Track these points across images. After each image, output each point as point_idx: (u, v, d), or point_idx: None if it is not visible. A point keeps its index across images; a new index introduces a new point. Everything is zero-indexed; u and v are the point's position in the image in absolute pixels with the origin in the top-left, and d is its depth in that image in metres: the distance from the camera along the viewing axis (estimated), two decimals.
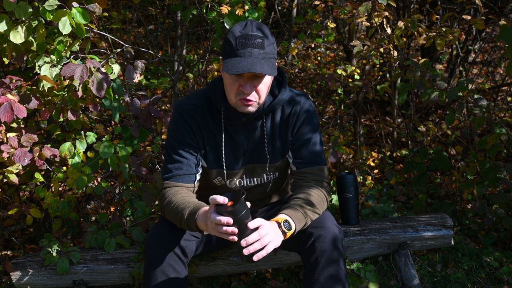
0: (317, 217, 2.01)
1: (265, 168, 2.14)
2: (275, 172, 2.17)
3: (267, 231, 1.78)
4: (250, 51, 1.88)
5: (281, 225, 1.86)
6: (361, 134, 3.81)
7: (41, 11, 2.21)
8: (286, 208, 1.95)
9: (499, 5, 3.86)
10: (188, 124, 2.07)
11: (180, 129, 2.07)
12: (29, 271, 2.38)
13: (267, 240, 1.78)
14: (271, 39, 1.94)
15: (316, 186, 2.06)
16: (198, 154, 2.10)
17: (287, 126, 2.11)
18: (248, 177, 2.16)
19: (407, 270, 2.57)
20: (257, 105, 1.99)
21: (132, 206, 2.61)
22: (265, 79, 1.94)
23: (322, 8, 3.27)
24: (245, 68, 1.85)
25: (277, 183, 2.23)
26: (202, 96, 2.10)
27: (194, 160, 2.08)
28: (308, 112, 2.12)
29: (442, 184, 3.43)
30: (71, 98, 2.39)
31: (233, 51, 1.89)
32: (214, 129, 2.09)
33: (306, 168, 2.10)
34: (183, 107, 2.09)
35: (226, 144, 2.09)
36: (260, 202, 2.28)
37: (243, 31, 1.91)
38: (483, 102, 2.80)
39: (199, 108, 2.08)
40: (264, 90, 1.96)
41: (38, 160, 2.37)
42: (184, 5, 3.57)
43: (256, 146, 2.12)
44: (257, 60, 1.87)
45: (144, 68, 2.54)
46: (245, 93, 1.93)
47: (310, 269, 1.99)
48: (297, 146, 2.11)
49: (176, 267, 1.99)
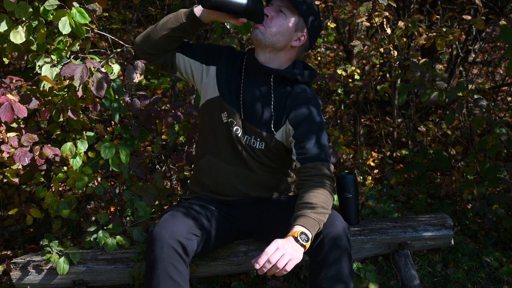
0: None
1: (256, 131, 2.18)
2: (261, 141, 2.20)
3: (276, 247, 1.81)
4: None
5: (298, 239, 1.86)
6: (361, 134, 3.81)
7: (41, 11, 2.21)
8: (298, 218, 1.93)
9: (499, 5, 3.85)
10: (223, 56, 2.23)
11: (219, 50, 2.24)
12: (29, 271, 2.38)
13: (278, 257, 1.80)
14: (315, 7, 2.18)
15: (321, 183, 2.05)
16: (211, 59, 2.24)
17: (285, 105, 2.17)
18: (244, 133, 2.20)
19: (407, 270, 2.57)
20: (264, 32, 2.11)
21: (132, 206, 2.61)
22: (287, 19, 2.13)
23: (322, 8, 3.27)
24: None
25: (268, 160, 2.23)
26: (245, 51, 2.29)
27: (204, 53, 2.24)
28: (315, 109, 2.16)
29: (442, 184, 3.43)
30: (71, 98, 2.39)
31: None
32: (237, 72, 2.22)
33: (310, 163, 2.09)
34: (232, 50, 2.27)
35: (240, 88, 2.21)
36: (255, 181, 2.27)
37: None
38: (483, 102, 2.80)
39: (240, 56, 2.25)
40: (278, 23, 2.12)
41: (39, 159, 2.37)
42: (184, 5, 3.57)
43: (257, 106, 2.19)
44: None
45: (144, 68, 2.54)
46: (265, 13, 2.09)
47: (317, 266, 1.99)
48: (301, 141, 2.12)
49: (178, 266, 1.99)
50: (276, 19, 2.12)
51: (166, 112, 2.74)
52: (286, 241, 1.84)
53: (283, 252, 1.80)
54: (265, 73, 2.17)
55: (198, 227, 2.11)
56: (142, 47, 2.20)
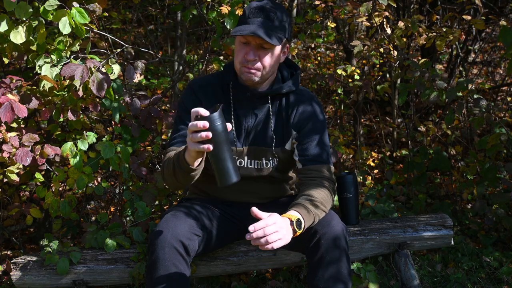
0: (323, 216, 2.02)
1: (267, 151, 2.15)
2: (273, 158, 2.18)
3: (275, 221, 1.77)
4: (259, 20, 1.97)
5: (293, 223, 1.85)
6: (361, 134, 3.81)
7: (41, 11, 2.21)
8: (297, 206, 1.93)
9: (499, 5, 3.86)
10: (198, 97, 2.12)
11: (189, 102, 2.12)
12: (29, 271, 2.38)
13: (273, 231, 1.75)
14: (284, 18, 2.02)
15: (322, 184, 2.06)
16: None
17: (290, 117, 2.14)
18: (249, 159, 2.17)
19: (407, 270, 2.57)
20: (260, 75, 2.03)
21: (132, 206, 2.61)
22: (272, 51, 2.01)
23: (322, 8, 3.27)
24: (249, 31, 1.93)
25: (276, 173, 2.22)
26: (215, 76, 2.19)
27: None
28: (316, 111, 2.15)
29: (442, 184, 3.43)
30: (71, 98, 2.39)
31: (244, 19, 2.01)
32: (226, 104, 2.13)
33: (312, 165, 2.10)
34: (196, 83, 2.17)
35: (233, 121, 2.13)
36: (257, 190, 2.26)
37: (258, 4, 2.00)
38: (483, 102, 2.80)
39: (210, 85, 2.15)
40: (269, 61, 2.02)
41: (40, 158, 2.37)
42: (184, 5, 3.57)
43: (261, 128, 2.15)
44: (264, 28, 1.95)
45: (144, 68, 2.55)
46: (248, 60, 1.99)
47: (315, 267, 1.99)
48: (303, 143, 2.12)
49: (179, 266, 1.99)
50: (263, 59, 2.00)
51: (166, 112, 2.74)
52: (283, 220, 1.82)
53: (278, 229, 1.77)
54: (260, 97, 2.12)
55: (199, 227, 2.11)
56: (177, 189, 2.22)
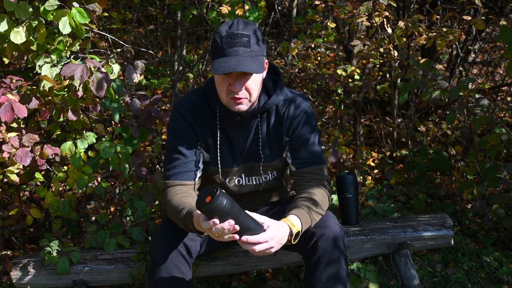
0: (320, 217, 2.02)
1: (263, 166, 2.14)
2: (272, 171, 2.17)
3: (273, 235, 1.77)
4: (236, 50, 1.87)
5: (293, 234, 1.84)
6: (361, 134, 3.81)
7: (41, 11, 2.21)
8: (295, 209, 1.93)
9: (499, 5, 3.86)
10: (188, 122, 2.07)
11: (180, 128, 2.08)
12: (29, 271, 2.38)
13: (263, 248, 1.75)
14: (258, 36, 1.93)
15: (318, 185, 2.05)
16: (198, 151, 2.09)
17: (282, 126, 2.11)
18: (247, 176, 2.16)
19: (407, 270, 2.57)
20: (249, 102, 1.98)
21: (132, 206, 2.61)
22: (254, 76, 1.94)
23: (322, 8, 3.27)
24: (231, 67, 1.85)
25: (276, 182, 2.23)
26: (200, 94, 2.11)
27: (193, 157, 2.07)
28: (305, 113, 2.11)
29: (442, 184, 3.43)
30: (71, 98, 2.39)
31: (219, 51, 1.89)
32: (213, 126, 2.09)
33: (305, 168, 2.09)
34: (183, 106, 2.09)
35: (223, 142, 2.10)
36: (260, 201, 2.28)
37: (229, 31, 1.90)
38: (484, 101, 2.79)
39: (198, 106, 2.09)
40: (254, 87, 1.96)
41: (40, 159, 2.37)
42: (184, 5, 3.57)
43: (253, 145, 2.12)
44: (244, 59, 1.87)
45: (144, 68, 2.54)
46: (234, 92, 1.93)
47: (312, 268, 1.99)
48: (295, 146, 2.11)
49: (181, 267, 1.99)
50: (248, 87, 1.94)
51: (166, 112, 2.74)
52: (282, 235, 1.81)
53: (272, 245, 1.78)
54: (250, 117, 2.08)
55: None
56: None
